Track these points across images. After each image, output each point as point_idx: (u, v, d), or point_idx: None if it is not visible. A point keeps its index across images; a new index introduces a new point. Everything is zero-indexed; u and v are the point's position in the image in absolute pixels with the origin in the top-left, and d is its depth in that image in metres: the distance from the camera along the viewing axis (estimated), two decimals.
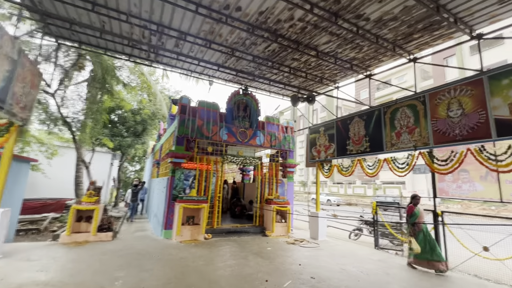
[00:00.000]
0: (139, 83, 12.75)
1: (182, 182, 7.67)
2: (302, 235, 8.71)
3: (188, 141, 8.04)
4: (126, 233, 8.37)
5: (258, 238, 7.84)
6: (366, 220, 8.76)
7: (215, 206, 8.08)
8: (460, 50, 30.14)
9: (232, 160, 8.55)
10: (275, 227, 8.33)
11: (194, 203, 7.24)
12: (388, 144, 6.30)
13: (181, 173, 7.68)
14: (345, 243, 7.74)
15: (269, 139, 9.41)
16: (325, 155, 8.33)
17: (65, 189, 11.81)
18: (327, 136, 8.35)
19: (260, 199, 8.99)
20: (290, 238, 7.89)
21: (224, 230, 7.99)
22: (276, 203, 8.55)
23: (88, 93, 9.54)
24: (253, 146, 9.16)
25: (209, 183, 8.06)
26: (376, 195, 31.60)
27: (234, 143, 8.72)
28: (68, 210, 8.93)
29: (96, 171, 12.82)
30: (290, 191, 9.68)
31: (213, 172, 8.25)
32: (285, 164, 9.70)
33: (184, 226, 7.09)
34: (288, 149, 9.80)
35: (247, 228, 8.39)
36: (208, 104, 8.54)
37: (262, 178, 9.14)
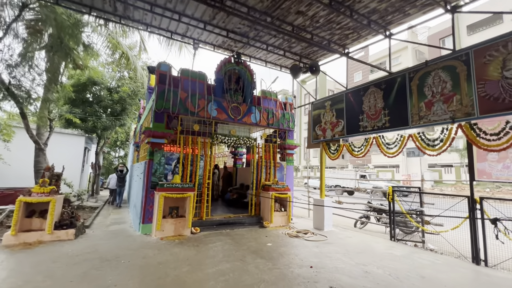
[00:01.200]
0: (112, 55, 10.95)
1: (162, 166, 6.34)
2: (304, 225, 7.68)
3: (169, 118, 6.63)
4: (99, 226, 7.08)
5: (255, 230, 6.73)
6: (376, 208, 7.79)
7: (203, 194, 6.85)
8: (457, 30, 29.20)
9: (223, 140, 7.24)
10: (274, 217, 7.23)
11: (178, 191, 5.97)
12: (414, 117, 5.15)
13: (161, 156, 6.33)
14: (355, 234, 6.75)
15: (265, 116, 8.11)
16: (331, 133, 7.14)
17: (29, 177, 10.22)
18: (335, 112, 7.14)
19: (256, 185, 7.83)
20: (291, 230, 6.82)
21: (215, 222, 6.81)
22: (275, 190, 7.41)
23: (47, 62, 7.84)
24: (248, 125, 7.86)
25: (196, 168, 6.77)
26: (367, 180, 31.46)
27: (226, 120, 7.37)
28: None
29: (66, 156, 11.23)
30: (290, 176, 8.54)
31: (200, 155, 6.94)
32: (284, 146, 8.49)
33: (166, 220, 5.85)
34: (287, 128, 8.56)
35: (241, 219, 7.25)
36: (194, 73, 7.08)
37: (258, 161, 7.92)
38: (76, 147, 11.41)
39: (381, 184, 25.76)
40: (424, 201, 6.04)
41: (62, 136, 11.25)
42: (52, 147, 11.07)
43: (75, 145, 11.39)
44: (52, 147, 11.03)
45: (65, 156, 11.05)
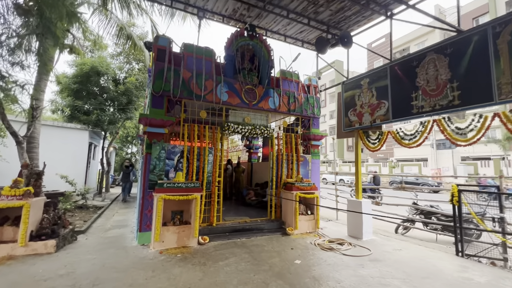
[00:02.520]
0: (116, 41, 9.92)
1: (163, 162, 5.19)
2: (335, 230, 6.33)
3: (170, 103, 5.46)
4: (96, 231, 6.16)
5: (277, 239, 5.47)
6: (425, 210, 6.29)
7: (213, 195, 5.66)
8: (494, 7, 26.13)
9: (236, 130, 5.98)
10: (299, 222, 5.93)
11: (181, 192, 4.80)
12: (504, 89, 3.63)
13: (160, 149, 5.18)
14: (404, 245, 5.31)
15: (286, 101, 6.76)
16: (371, 118, 5.69)
17: None
18: (375, 91, 5.66)
19: (276, 183, 6.54)
20: (322, 239, 5.50)
21: (228, 228, 5.61)
22: (299, 189, 6.10)
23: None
24: (265, 111, 6.55)
25: (203, 163, 5.58)
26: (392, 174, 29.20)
27: (239, 105, 6.10)
28: None
29: (68, 152, 10.46)
30: (316, 172, 7.18)
31: (209, 147, 5.73)
32: (308, 136, 7.11)
33: (167, 227, 4.70)
34: (312, 115, 7.17)
35: (260, 224, 6.00)
36: (199, 49, 5.84)
37: (279, 155, 6.61)
38: (80, 142, 10.63)
39: (346, 178, 23.28)
40: (505, 204, 4.49)
41: (63, 131, 10.47)
42: (52, 142, 10.33)
43: (78, 140, 10.61)
44: (52, 142, 10.29)
45: (67, 152, 10.28)
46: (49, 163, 10.27)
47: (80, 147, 10.71)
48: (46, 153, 10.24)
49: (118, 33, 9.39)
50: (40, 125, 7.33)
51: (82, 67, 10.86)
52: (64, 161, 10.20)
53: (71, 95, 10.97)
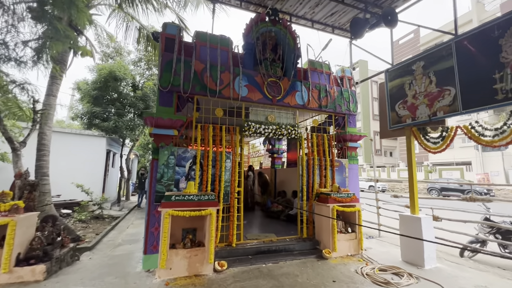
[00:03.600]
0: None
1: (172, 169, 4.35)
2: (382, 252, 5.07)
3: (180, 100, 4.65)
4: (104, 247, 5.59)
5: (311, 264, 4.36)
6: (503, 228, 4.83)
7: (232, 208, 4.70)
8: None
9: (258, 130, 5.03)
10: (337, 242, 4.77)
11: (193, 206, 3.90)
12: None
13: (169, 155, 4.36)
14: (486, 278, 3.92)
15: (316, 95, 5.71)
16: (429, 111, 4.45)
17: None
18: (433, 77, 4.43)
19: (307, 193, 5.45)
20: (369, 265, 4.28)
21: (250, 250, 4.60)
22: (336, 201, 4.96)
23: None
24: (291, 108, 5.55)
25: (220, 171, 4.67)
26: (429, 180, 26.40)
27: (260, 102, 5.17)
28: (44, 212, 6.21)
29: (84, 160, 10.15)
30: (354, 179, 5.98)
31: (226, 152, 4.82)
32: (344, 136, 5.97)
33: (175, 251, 3.81)
34: (347, 111, 6.03)
35: (289, 244, 4.92)
36: (213, 38, 5.02)
37: (309, 160, 5.53)
38: (97, 149, 10.33)
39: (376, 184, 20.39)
40: None
41: (80, 138, 10.23)
42: (68, 150, 10.10)
43: (96, 148, 10.31)
44: (68, 150, 10.05)
45: (84, 160, 9.97)
46: (65, 171, 10.04)
47: (97, 154, 10.40)
48: (62, 161, 10.03)
49: (138, 35, 8.96)
50: (51, 132, 6.91)
51: (100, 72, 10.65)
52: (81, 169, 9.90)
53: (90, 101, 10.77)
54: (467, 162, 25.11)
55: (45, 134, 6.78)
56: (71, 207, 9.15)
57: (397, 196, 6.36)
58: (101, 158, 10.55)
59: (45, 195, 6.45)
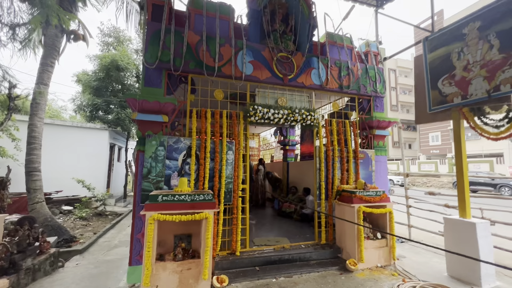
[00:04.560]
0: None
1: (161, 163, 3.60)
2: (419, 263, 4.13)
3: (171, 79, 3.86)
4: (98, 249, 5.17)
5: (334, 280, 3.51)
6: None
7: (236, 209, 3.91)
8: None
9: (265, 116, 4.16)
10: (365, 251, 3.89)
11: (185, 209, 3.14)
12: None
13: (158, 145, 3.60)
14: None
15: (336, 73, 4.76)
16: (488, 86, 3.40)
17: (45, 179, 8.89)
18: (496, 39, 3.36)
19: (326, 191, 4.56)
20: (408, 284, 3.36)
21: (258, 259, 3.80)
22: (362, 200, 4.06)
23: None
24: (307, 89, 4.64)
25: (220, 165, 3.87)
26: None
27: (269, 81, 4.29)
28: (35, 211, 5.74)
29: (86, 154, 9.68)
30: (383, 174, 5.03)
31: (228, 141, 4.01)
32: (369, 123, 5.00)
33: (163, 264, 3.07)
34: (373, 93, 5.05)
35: (304, 252, 4.08)
36: (211, 5, 4.16)
37: (328, 151, 4.61)
38: (99, 143, 9.83)
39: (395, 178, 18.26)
40: None
41: (80, 131, 9.74)
42: (69, 143, 9.66)
43: (98, 141, 9.81)
44: (69, 144, 9.61)
45: (86, 154, 9.51)
46: (66, 166, 9.62)
47: (100, 148, 9.91)
48: (63, 155, 9.61)
49: (139, 18, 8.22)
50: (42, 123, 6.37)
51: (102, 61, 10.09)
52: (83, 164, 9.46)
53: (92, 93, 10.28)
54: (497, 154, 23.07)
55: (36, 126, 6.24)
56: (73, 203, 8.74)
57: (434, 193, 5.34)
58: (104, 152, 10.07)
59: (36, 192, 5.94)
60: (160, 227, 3.29)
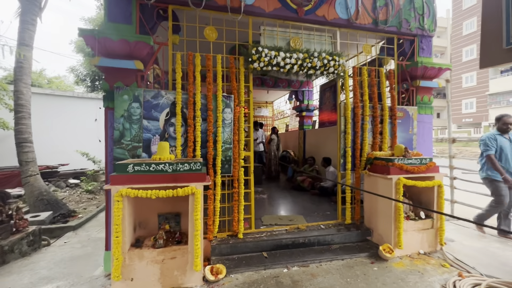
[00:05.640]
0: None
1: (137, 124, 2.78)
2: (473, 248, 3.19)
3: (145, 13, 2.89)
4: (90, 227, 4.84)
5: (363, 271, 2.70)
6: None
7: (236, 183, 3.10)
8: None
9: (274, 62, 3.13)
10: (404, 234, 3.01)
11: (165, 182, 2.36)
12: None
13: (131, 101, 2.75)
14: None
15: (369, 3, 3.54)
16: None
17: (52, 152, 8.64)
18: None
19: (353, 159, 3.59)
20: (468, 281, 2.48)
21: (265, 242, 3.04)
22: (403, 170, 3.07)
23: None
24: (329, 25, 3.50)
25: (215, 127, 3.00)
26: None
27: (277, 15, 3.20)
28: (28, 185, 5.39)
29: (89, 126, 9.23)
30: (426, 139, 3.94)
31: (224, 96, 3.07)
32: (412, 71, 3.81)
33: (139, 252, 2.38)
34: (419, 30, 3.79)
35: (324, 234, 3.26)
36: None
37: (356, 107, 3.56)
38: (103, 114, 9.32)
39: None
40: None
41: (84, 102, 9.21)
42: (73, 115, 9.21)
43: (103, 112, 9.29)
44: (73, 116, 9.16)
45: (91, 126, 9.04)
46: (72, 139, 9.30)
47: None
48: (68, 128, 9.25)
49: None
50: (28, 90, 5.76)
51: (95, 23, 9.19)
52: (88, 137, 9.05)
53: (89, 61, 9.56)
54: None
55: (22, 92, 5.63)
56: (80, 177, 8.50)
57: None
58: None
59: (28, 165, 5.49)
60: (140, 205, 2.58)
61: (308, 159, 6.34)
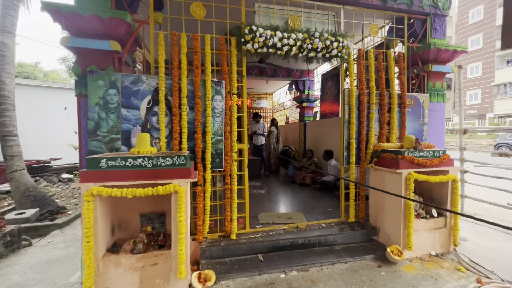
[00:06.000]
0: None
1: (115, 114, 2.46)
2: (487, 249, 2.91)
3: None
4: (77, 225, 4.33)
5: (370, 276, 2.42)
6: None
7: (230, 178, 2.80)
8: None
9: (270, 42, 2.78)
10: (414, 234, 2.71)
11: (144, 178, 2.06)
12: None
13: (107, 87, 2.43)
14: None
15: None
16: None
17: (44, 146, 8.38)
18: None
19: (358, 152, 3.27)
20: (485, 286, 2.20)
21: (261, 245, 2.76)
22: (413, 164, 2.76)
23: None
24: (330, 3, 3.13)
25: (204, 116, 2.68)
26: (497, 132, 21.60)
27: None
28: (14, 180, 5.12)
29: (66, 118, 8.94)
30: (438, 129, 3.61)
31: (213, 82, 2.74)
32: (425, 54, 3.45)
33: (115, 258, 2.10)
34: (432, 8, 3.41)
35: (326, 234, 2.97)
36: None
37: (362, 95, 3.22)
38: None
39: None
40: None
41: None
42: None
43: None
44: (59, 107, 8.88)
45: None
46: (64, 132, 9.03)
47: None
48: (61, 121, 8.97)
49: None
50: (12, 80, 5.44)
51: None
52: None
53: None
54: None
55: (4, 83, 5.30)
56: (73, 171, 8.24)
57: (507, 154, 3.88)
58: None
59: (13, 160, 5.20)
60: (118, 204, 2.29)
61: (306, 152, 6.04)
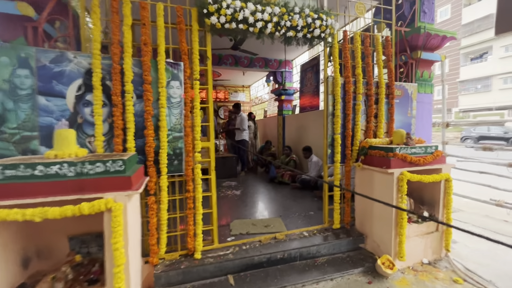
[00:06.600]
0: None
1: (28, 103, 1.82)
2: (480, 253, 2.68)
3: None
4: None
5: None
6: None
7: (192, 183, 2.27)
8: None
9: (240, 17, 2.26)
10: (406, 242, 2.39)
11: (63, 193, 1.47)
12: None
13: (15, 66, 1.78)
14: None
15: None
16: None
17: None
18: None
19: (343, 149, 2.88)
20: None
21: (231, 263, 2.28)
22: (406, 162, 2.41)
23: None
24: None
25: (157, 106, 2.11)
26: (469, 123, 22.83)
27: None
28: None
29: None
30: (425, 122, 3.34)
31: (168, 63, 2.16)
32: (413, 40, 3.11)
33: None
34: None
35: (309, 245, 2.56)
36: None
37: (348, 84, 2.82)
38: None
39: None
40: None
41: None
42: None
43: None
44: None
45: None
46: None
47: None
48: None
49: None
50: None
51: None
52: None
53: None
54: (509, 106, 21.43)
55: None
56: None
57: (491, 148, 3.73)
58: None
59: None
60: (36, 224, 1.67)
61: (284, 148, 5.64)
